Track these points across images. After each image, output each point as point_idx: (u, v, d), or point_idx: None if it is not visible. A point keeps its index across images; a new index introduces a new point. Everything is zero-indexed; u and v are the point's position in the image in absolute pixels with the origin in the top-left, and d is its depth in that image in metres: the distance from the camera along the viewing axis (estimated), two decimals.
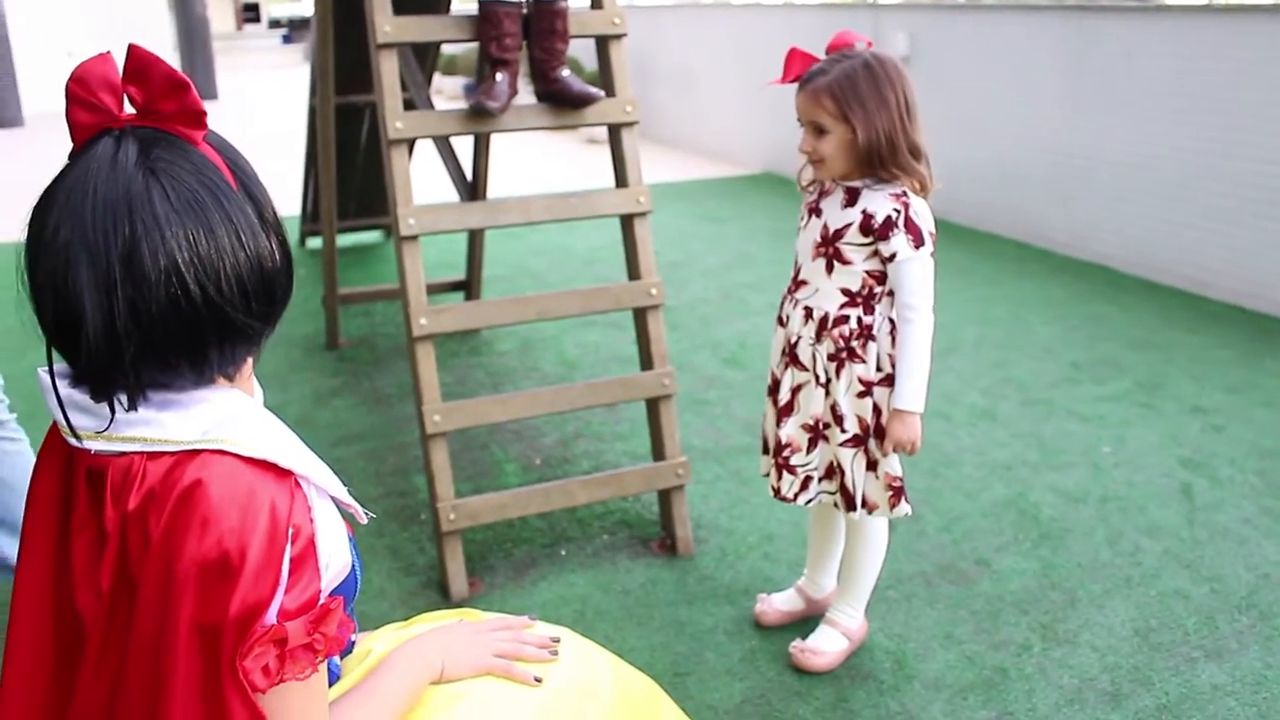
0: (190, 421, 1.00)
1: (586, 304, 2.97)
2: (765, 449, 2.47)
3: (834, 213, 2.28)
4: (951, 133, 6.45)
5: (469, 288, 4.85)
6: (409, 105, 3.50)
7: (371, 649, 1.26)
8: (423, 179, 4.82)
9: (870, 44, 2.27)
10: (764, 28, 8.46)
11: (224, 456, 0.98)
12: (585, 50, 8.46)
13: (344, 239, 5.91)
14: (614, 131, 3.01)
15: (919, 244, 2.21)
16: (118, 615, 0.99)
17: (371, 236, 6.41)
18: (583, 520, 3.15)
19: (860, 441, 2.31)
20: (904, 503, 2.34)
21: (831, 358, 2.29)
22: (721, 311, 5.10)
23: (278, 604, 0.98)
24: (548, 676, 1.27)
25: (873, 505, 2.35)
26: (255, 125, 11.69)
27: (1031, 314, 4.96)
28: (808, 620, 2.62)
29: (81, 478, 1.03)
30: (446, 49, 11.89)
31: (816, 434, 2.35)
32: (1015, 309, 5.04)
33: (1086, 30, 5.66)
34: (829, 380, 2.31)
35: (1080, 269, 5.68)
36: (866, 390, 2.28)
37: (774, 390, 2.42)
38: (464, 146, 4.16)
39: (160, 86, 0.98)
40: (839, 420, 2.30)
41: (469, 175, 4.06)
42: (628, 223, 2.98)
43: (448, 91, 12.98)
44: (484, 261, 4.91)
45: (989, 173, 6.41)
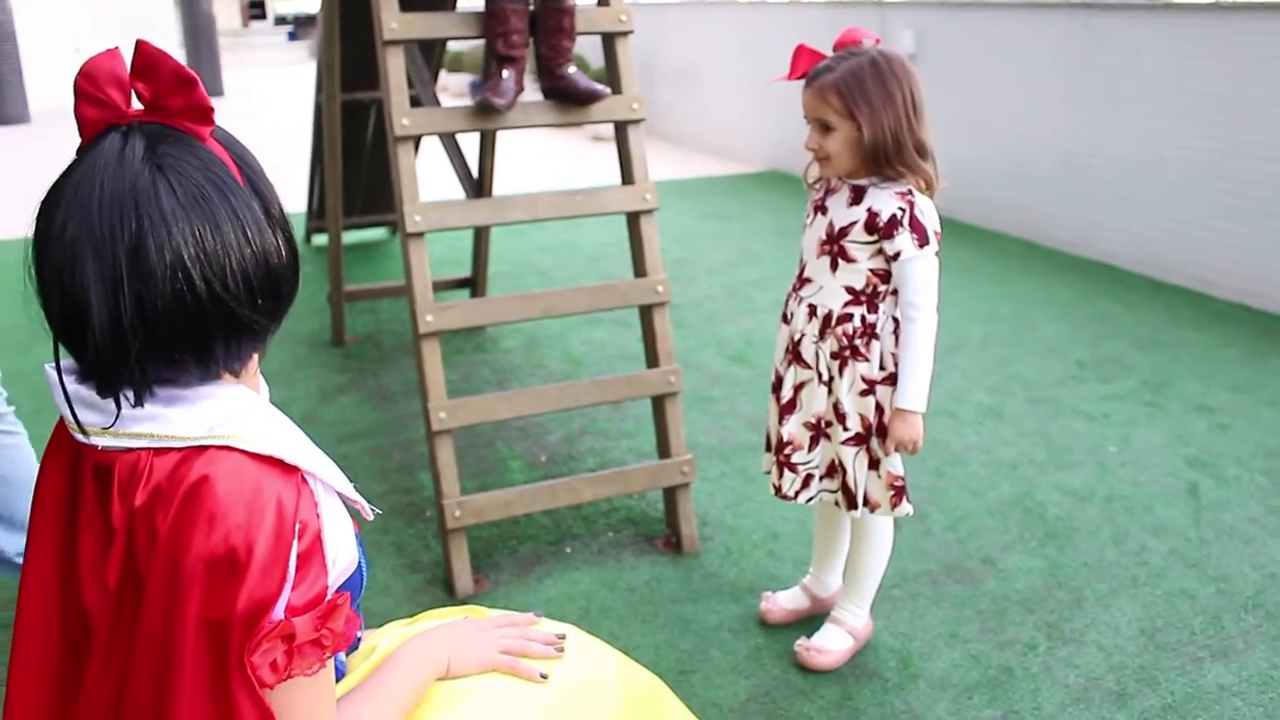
0: (196, 417, 1.00)
1: (592, 301, 2.97)
2: (768, 446, 2.47)
3: (839, 210, 2.27)
4: (958, 130, 6.43)
5: (475, 285, 4.85)
6: (415, 102, 3.49)
7: (377, 646, 1.26)
8: (429, 176, 4.83)
9: (878, 41, 2.26)
10: (770, 25, 8.45)
11: (230, 452, 0.98)
12: (591, 47, 8.46)
13: (349, 236, 5.90)
14: (620, 129, 3.01)
15: (923, 243, 2.21)
16: (125, 611, 0.99)
17: (377, 233, 6.41)
18: (588, 517, 3.15)
19: (862, 440, 2.31)
20: (905, 502, 2.34)
21: (834, 356, 2.29)
22: (727, 309, 5.10)
23: (285, 600, 0.98)
24: (553, 673, 1.27)
25: (874, 504, 2.35)
26: (261, 122, 11.69)
27: (1037, 312, 4.96)
28: (813, 618, 2.62)
29: (88, 474, 1.03)
30: (452, 46, 11.88)
31: (818, 432, 2.35)
32: (1021, 307, 5.03)
33: (1093, 28, 5.65)
34: (832, 378, 2.30)
35: (1086, 267, 5.66)
36: (869, 389, 2.28)
37: (777, 388, 2.42)
38: (470, 143, 4.16)
39: (168, 82, 0.98)
40: (841, 418, 2.30)
41: (475, 172, 4.06)
42: (634, 220, 2.98)
43: (454, 88, 13.00)
44: (490, 258, 4.91)
45: (995, 171, 6.40)
